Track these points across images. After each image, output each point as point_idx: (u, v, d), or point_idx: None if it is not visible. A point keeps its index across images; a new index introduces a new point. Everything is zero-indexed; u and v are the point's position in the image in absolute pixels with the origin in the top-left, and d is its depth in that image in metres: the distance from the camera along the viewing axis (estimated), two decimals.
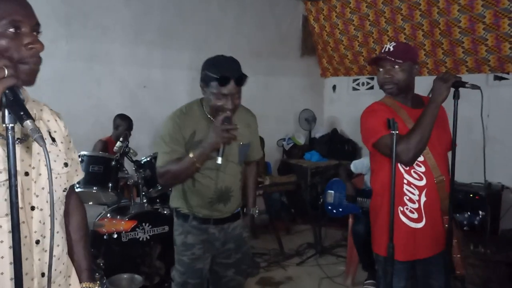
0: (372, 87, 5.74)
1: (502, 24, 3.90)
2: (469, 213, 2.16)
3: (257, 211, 2.13)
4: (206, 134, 1.75)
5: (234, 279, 2.02)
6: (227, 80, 1.70)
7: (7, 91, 0.82)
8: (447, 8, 4.19)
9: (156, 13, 4.67)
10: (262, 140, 4.86)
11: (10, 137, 0.80)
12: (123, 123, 3.91)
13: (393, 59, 1.80)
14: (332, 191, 3.52)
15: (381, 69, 1.85)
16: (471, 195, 3.52)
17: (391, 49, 1.82)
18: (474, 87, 1.68)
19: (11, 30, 0.95)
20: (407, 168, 1.83)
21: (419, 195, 1.83)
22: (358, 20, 5.15)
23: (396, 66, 1.80)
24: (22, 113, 0.80)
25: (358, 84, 5.92)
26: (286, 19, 5.79)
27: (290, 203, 5.33)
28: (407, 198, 1.84)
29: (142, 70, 4.52)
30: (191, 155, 1.72)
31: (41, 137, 0.81)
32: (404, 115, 1.85)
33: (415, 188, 1.84)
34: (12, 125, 0.80)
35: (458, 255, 1.76)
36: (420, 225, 1.84)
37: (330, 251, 4.10)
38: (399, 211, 1.86)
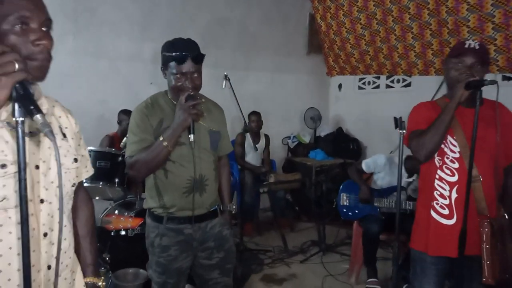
0: (378, 86, 5.72)
1: None
2: None
3: (234, 207, 2.05)
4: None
5: (220, 281, 1.95)
6: (185, 57, 1.71)
7: (17, 85, 0.82)
8: (455, 7, 4.16)
9: (163, 10, 4.68)
10: (267, 137, 4.88)
11: (19, 131, 0.80)
12: (126, 118, 3.91)
13: (484, 58, 1.79)
14: (346, 194, 3.43)
15: (460, 64, 1.80)
16: None
17: (477, 47, 1.78)
18: (492, 82, 1.66)
19: (18, 26, 0.93)
20: (441, 163, 1.84)
21: (450, 191, 1.82)
22: (365, 19, 5.12)
23: (479, 66, 1.78)
24: (32, 107, 0.81)
25: (364, 83, 5.90)
26: (292, 17, 5.78)
27: (295, 200, 5.34)
28: (438, 193, 1.85)
29: (148, 66, 4.53)
30: (160, 138, 1.69)
31: (51, 131, 0.81)
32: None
33: (446, 184, 1.83)
34: (22, 119, 0.80)
35: (488, 262, 1.69)
36: (451, 222, 1.82)
37: (334, 249, 4.09)
38: (430, 206, 1.87)
